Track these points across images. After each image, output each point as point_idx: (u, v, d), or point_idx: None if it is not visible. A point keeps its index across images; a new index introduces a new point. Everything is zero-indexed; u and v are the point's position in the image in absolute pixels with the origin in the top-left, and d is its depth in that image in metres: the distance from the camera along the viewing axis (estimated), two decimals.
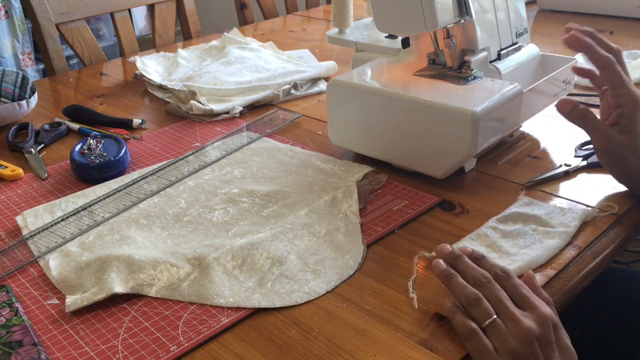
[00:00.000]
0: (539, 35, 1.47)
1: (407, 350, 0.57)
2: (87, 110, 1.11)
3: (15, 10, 2.49)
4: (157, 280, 0.66)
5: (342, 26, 1.11)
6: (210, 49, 1.40)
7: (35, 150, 0.97)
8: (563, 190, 0.81)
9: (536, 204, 0.77)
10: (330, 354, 0.57)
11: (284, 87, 1.16)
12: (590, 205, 0.77)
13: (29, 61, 2.60)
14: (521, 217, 0.74)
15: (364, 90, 0.86)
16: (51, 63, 1.41)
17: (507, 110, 0.82)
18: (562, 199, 0.79)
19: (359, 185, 0.83)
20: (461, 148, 0.79)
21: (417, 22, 0.83)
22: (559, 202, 0.78)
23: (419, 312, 0.61)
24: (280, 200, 0.80)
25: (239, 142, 0.98)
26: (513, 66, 0.93)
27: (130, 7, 1.55)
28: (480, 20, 0.88)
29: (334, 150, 0.94)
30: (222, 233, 0.74)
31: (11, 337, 0.59)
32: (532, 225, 0.73)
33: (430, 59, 0.91)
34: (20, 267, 0.70)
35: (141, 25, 2.98)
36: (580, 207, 0.77)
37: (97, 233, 0.75)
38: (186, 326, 0.61)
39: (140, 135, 1.03)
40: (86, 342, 0.59)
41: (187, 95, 1.12)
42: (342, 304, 0.63)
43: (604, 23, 1.55)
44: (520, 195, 0.79)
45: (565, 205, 0.77)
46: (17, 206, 0.83)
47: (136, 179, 0.87)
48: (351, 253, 0.70)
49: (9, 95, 1.06)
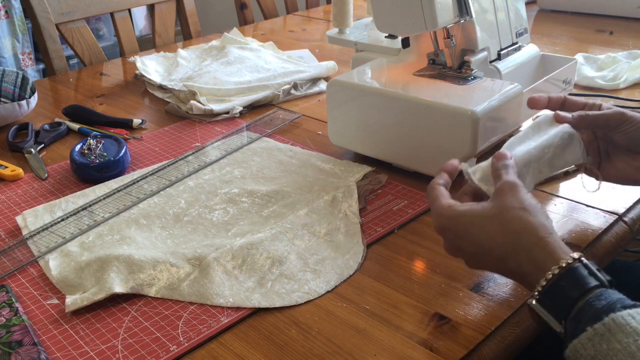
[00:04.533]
0: (539, 35, 1.47)
1: (407, 350, 0.57)
2: (87, 110, 1.11)
3: (15, 10, 2.49)
4: (157, 280, 0.66)
5: (342, 26, 1.11)
6: (210, 49, 1.40)
7: (35, 150, 0.97)
8: (563, 190, 0.81)
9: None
10: (330, 354, 0.57)
11: (284, 87, 1.16)
12: (590, 205, 0.77)
13: (29, 61, 2.61)
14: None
15: (364, 90, 0.86)
16: (51, 63, 1.41)
17: (507, 110, 0.82)
18: (562, 198, 0.79)
19: (359, 185, 0.83)
20: (461, 148, 0.79)
21: (417, 22, 0.83)
22: (559, 202, 0.78)
23: (419, 312, 0.61)
24: (280, 200, 0.80)
25: (239, 142, 0.98)
26: (513, 66, 0.93)
27: (130, 7, 1.55)
28: (480, 20, 0.88)
29: (334, 150, 0.94)
30: (222, 233, 0.74)
31: (11, 337, 0.59)
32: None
33: (430, 59, 0.91)
34: (20, 267, 0.70)
35: (141, 25, 2.98)
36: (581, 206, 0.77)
37: (97, 233, 0.75)
38: (186, 326, 0.61)
39: (140, 135, 1.03)
40: (86, 342, 0.59)
41: (187, 95, 1.12)
42: (342, 304, 0.63)
43: (604, 23, 1.55)
44: None
45: (565, 205, 0.77)
46: (17, 206, 0.83)
47: (136, 179, 0.87)
48: (351, 253, 0.70)
49: (9, 95, 1.06)
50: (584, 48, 1.36)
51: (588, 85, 1.14)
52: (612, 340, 0.46)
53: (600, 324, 0.47)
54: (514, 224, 0.55)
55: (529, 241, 0.54)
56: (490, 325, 0.59)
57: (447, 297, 0.63)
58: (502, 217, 0.56)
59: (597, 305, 0.48)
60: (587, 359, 0.47)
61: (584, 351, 0.47)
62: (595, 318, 0.48)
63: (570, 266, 0.51)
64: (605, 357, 0.46)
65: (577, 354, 0.48)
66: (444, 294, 0.63)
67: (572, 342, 0.48)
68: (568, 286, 0.50)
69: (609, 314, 0.47)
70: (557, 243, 0.54)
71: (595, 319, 0.47)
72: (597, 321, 0.47)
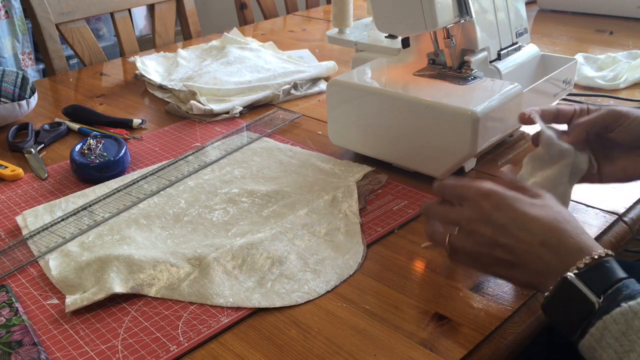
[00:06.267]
0: (539, 35, 1.47)
1: (407, 350, 0.57)
2: (87, 110, 1.11)
3: (15, 10, 2.49)
4: (157, 280, 0.66)
5: (342, 26, 1.11)
6: (210, 49, 1.40)
7: (35, 150, 0.97)
8: None
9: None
10: (330, 354, 0.57)
11: (284, 87, 1.16)
12: (590, 205, 0.77)
13: (29, 61, 2.61)
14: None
15: (363, 90, 0.86)
16: (51, 63, 1.41)
17: (507, 110, 0.82)
18: None
19: (359, 185, 0.83)
20: (461, 148, 0.79)
21: (417, 22, 0.83)
22: None
23: (419, 312, 0.61)
24: (280, 200, 0.80)
25: (239, 142, 0.98)
26: (513, 66, 0.93)
27: (130, 7, 1.55)
28: (480, 20, 0.88)
29: (334, 150, 0.94)
30: (222, 233, 0.74)
31: (11, 337, 0.59)
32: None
33: (430, 59, 0.91)
34: (20, 267, 0.70)
35: (141, 25, 2.99)
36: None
37: (97, 233, 0.75)
38: (186, 326, 0.61)
39: (140, 135, 1.03)
40: (86, 342, 0.59)
41: (187, 95, 1.12)
42: (342, 304, 0.63)
43: (604, 23, 1.55)
44: None
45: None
46: (17, 206, 0.83)
47: (136, 179, 0.87)
48: (351, 253, 0.70)
49: (9, 95, 1.06)
50: (584, 48, 1.36)
51: (588, 85, 1.14)
52: None
53: (635, 302, 0.49)
54: (564, 213, 0.57)
55: (572, 229, 0.56)
56: (490, 325, 0.59)
57: (447, 297, 0.63)
58: (553, 205, 0.58)
59: (634, 287, 0.50)
60: (617, 334, 0.49)
61: (615, 326, 0.49)
62: (631, 297, 0.50)
63: (608, 257, 0.53)
64: (637, 332, 0.48)
65: (604, 331, 0.49)
66: (444, 294, 0.63)
67: (602, 318, 0.50)
68: (608, 270, 0.52)
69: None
70: (593, 241, 0.56)
71: (631, 298, 0.49)
72: (633, 300, 0.49)
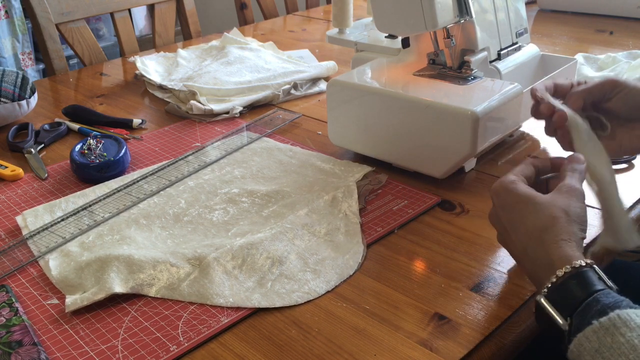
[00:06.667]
0: (539, 35, 1.47)
1: (407, 350, 0.57)
2: (87, 110, 1.11)
3: (15, 10, 2.49)
4: (157, 280, 0.66)
5: (342, 26, 1.11)
6: (210, 49, 1.40)
7: (35, 150, 0.97)
8: None
9: None
10: (330, 354, 0.57)
11: (284, 87, 1.16)
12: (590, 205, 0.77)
13: (29, 61, 2.61)
14: None
15: (364, 90, 0.86)
16: (51, 63, 1.41)
17: (507, 110, 0.82)
18: None
19: (359, 185, 0.83)
20: (461, 148, 0.79)
21: (417, 22, 0.83)
22: None
23: (419, 312, 0.61)
24: (280, 200, 0.80)
25: (239, 142, 0.98)
26: (513, 66, 0.93)
27: (130, 7, 1.55)
28: (480, 20, 0.88)
29: (334, 150, 0.94)
30: (222, 233, 0.74)
31: (11, 337, 0.59)
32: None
33: (430, 59, 0.91)
34: (20, 267, 0.70)
35: (141, 25, 2.98)
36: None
37: (97, 233, 0.75)
38: (186, 326, 0.61)
39: (140, 135, 1.03)
40: (86, 342, 0.59)
41: (187, 95, 1.12)
42: (342, 304, 0.63)
43: (604, 23, 1.55)
44: None
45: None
46: (17, 206, 0.83)
47: (136, 179, 0.87)
48: (351, 253, 0.70)
49: (9, 95, 1.06)
50: (584, 48, 1.36)
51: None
52: (617, 334, 0.47)
53: (606, 318, 0.48)
54: (546, 219, 0.57)
55: (550, 239, 0.56)
56: (490, 325, 0.59)
57: (447, 297, 0.63)
58: (543, 210, 0.58)
59: (604, 301, 0.50)
60: (592, 352, 0.48)
61: (589, 344, 0.48)
62: (601, 313, 0.49)
63: (581, 269, 0.53)
64: (609, 349, 0.47)
65: (581, 348, 0.49)
66: (444, 294, 0.63)
67: (577, 335, 0.49)
68: (577, 286, 0.52)
69: (614, 310, 0.48)
70: (575, 251, 0.55)
71: (602, 314, 0.49)
72: (603, 315, 0.49)
